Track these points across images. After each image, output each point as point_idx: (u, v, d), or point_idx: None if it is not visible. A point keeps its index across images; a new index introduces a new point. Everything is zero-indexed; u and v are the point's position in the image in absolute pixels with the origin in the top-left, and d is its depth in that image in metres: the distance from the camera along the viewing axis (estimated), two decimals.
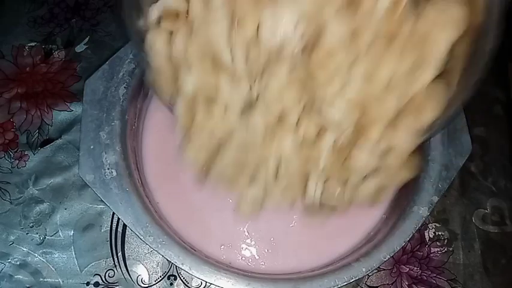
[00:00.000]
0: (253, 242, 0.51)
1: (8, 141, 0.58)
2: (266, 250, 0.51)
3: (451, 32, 0.33)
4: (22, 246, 0.55)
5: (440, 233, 0.57)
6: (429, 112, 0.35)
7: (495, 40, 0.34)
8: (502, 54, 0.64)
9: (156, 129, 0.54)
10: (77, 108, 0.60)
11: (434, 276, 0.55)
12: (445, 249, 0.56)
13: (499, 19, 0.34)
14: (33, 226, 0.56)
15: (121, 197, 0.45)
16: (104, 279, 0.54)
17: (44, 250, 0.55)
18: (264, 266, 0.50)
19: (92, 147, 0.47)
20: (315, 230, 0.49)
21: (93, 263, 0.54)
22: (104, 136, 0.47)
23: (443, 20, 0.33)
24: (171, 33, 0.36)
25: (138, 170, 0.51)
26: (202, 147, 0.39)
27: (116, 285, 0.54)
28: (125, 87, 0.49)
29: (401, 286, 0.55)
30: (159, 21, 0.36)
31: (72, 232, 0.55)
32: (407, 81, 0.34)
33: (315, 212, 0.41)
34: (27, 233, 0.55)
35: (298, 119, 0.35)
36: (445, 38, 0.33)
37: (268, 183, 0.38)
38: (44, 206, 0.56)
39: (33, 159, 0.58)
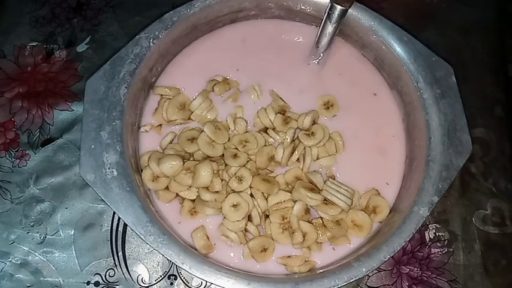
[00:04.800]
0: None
1: (9, 140, 0.59)
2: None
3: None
4: (23, 246, 0.55)
5: (440, 234, 0.57)
6: None
7: None
8: (502, 56, 0.64)
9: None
10: (78, 108, 0.60)
11: (435, 277, 0.55)
12: (446, 250, 0.56)
13: None
14: (34, 225, 0.56)
15: (122, 196, 0.46)
16: (104, 278, 0.54)
17: (45, 249, 0.55)
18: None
19: (92, 146, 0.47)
20: None
21: (93, 263, 0.54)
22: (104, 136, 0.47)
23: None
24: None
25: (138, 169, 0.51)
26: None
27: (116, 285, 0.54)
28: (125, 87, 0.49)
29: (402, 287, 0.55)
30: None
31: (72, 231, 0.55)
32: None
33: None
34: (28, 232, 0.55)
35: None
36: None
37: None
38: (44, 205, 0.56)
39: (34, 159, 0.58)
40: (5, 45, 0.62)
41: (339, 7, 0.49)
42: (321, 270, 0.48)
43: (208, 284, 0.54)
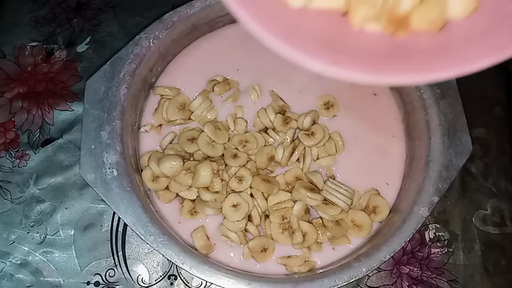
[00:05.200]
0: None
1: (9, 140, 0.59)
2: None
3: None
4: (23, 246, 0.55)
5: (440, 234, 0.57)
6: None
7: None
8: None
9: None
10: (78, 108, 0.60)
11: (435, 277, 0.55)
12: (446, 250, 0.56)
13: None
14: (34, 225, 0.56)
15: (122, 196, 0.46)
16: (104, 278, 0.54)
17: (45, 249, 0.55)
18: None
19: (92, 146, 0.47)
20: None
21: (93, 263, 0.54)
22: (104, 136, 0.47)
23: None
24: None
25: (138, 169, 0.51)
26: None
27: (116, 285, 0.54)
28: (125, 87, 0.49)
29: (402, 287, 0.55)
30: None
31: (72, 231, 0.55)
32: None
33: None
34: (28, 232, 0.55)
35: None
36: None
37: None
38: (44, 206, 0.56)
39: (34, 159, 0.58)
40: (5, 45, 0.62)
41: None
42: (321, 270, 0.48)
43: (208, 284, 0.54)
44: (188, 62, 0.56)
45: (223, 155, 0.51)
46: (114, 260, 0.55)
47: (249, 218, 0.50)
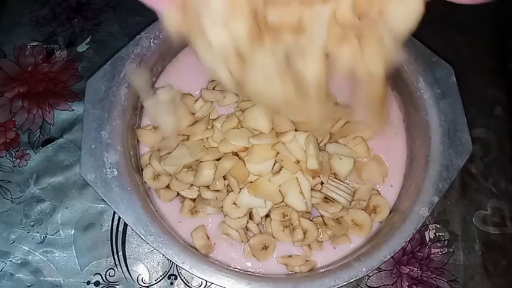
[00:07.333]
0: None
1: (9, 140, 0.59)
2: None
3: None
4: (23, 245, 0.55)
5: (440, 234, 0.57)
6: None
7: None
8: (503, 56, 0.64)
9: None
10: (78, 108, 0.60)
11: (435, 277, 0.55)
12: (446, 250, 0.56)
13: None
14: (34, 225, 0.56)
15: (122, 196, 0.46)
16: (104, 278, 0.54)
17: (45, 249, 0.55)
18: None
19: (93, 146, 0.47)
20: None
21: (93, 262, 0.54)
22: (105, 135, 0.47)
23: None
24: None
25: (139, 169, 0.51)
26: None
27: (117, 285, 0.54)
28: (126, 87, 0.49)
29: (402, 287, 0.55)
30: None
31: (73, 231, 0.55)
32: None
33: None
34: (28, 232, 0.55)
35: None
36: None
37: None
38: (45, 205, 0.56)
39: (35, 158, 0.58)
40: (6, 45, 0.62)
41: None
42: (322, 270, 0.48)
43: (208, 283, 0.54)
44: (188, 62, 0.56)
45: None
46: (114, 260, 0.55)
47: (250, 216, 0.50)
